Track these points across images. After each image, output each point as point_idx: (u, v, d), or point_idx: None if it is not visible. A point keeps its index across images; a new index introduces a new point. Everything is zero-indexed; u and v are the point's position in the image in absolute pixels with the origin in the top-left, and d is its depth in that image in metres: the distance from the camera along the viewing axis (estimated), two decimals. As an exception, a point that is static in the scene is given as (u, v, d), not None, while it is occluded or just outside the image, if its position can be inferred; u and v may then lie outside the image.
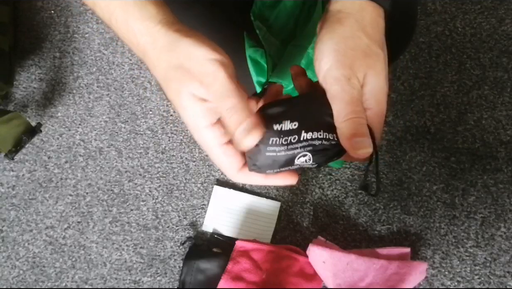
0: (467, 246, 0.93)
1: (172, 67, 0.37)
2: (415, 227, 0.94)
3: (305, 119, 0.38)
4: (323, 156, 0.38)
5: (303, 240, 0.94)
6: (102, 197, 1.01)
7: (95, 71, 1.07)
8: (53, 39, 1.09)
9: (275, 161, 0.38)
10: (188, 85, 0.37)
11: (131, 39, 0.38)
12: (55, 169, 1.02)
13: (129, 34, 0.38)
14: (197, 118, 0.37)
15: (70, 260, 0.98)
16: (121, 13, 0.38)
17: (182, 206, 0.99)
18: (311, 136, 0.37)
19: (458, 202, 0.95)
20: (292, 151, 0.38)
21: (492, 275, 0.92)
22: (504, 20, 1.02)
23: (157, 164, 1.01)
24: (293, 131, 0.38)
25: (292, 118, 0.38)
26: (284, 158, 0.38)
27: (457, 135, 0.98)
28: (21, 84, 1.07)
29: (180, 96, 0.37)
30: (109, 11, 0.38)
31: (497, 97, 0.99)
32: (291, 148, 0.38)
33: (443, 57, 1.01)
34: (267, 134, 0.38)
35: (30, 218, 1.01)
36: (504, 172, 0.95)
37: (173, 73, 0.37)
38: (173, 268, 0.96)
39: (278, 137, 0.37)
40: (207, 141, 0.38)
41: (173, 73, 0.37)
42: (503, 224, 0.93)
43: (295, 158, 0.38)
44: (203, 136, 0.38)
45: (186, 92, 0.37)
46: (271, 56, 0.61)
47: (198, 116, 0.37)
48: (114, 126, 1.04)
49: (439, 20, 1.04)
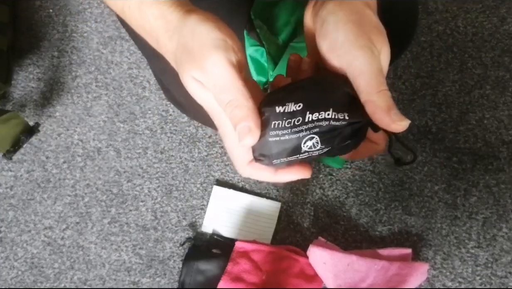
0: (469, 247, 0.93)
1: (179, 48, 0.35)
2: (416, 228, 0.94)
3: (310, 99, 0.35)
4: (333, 136, 0.34)
5: (304, 241, 0.94)
6: (101, 197, 1.00)
7: (94, 71, 1.06)
8: (51, 38, 1.09)
9: (280, 147, 0.35)
10: (189, 69, 0.35)
11: (145, 25, 0.37)
12: (53, 169, 1.02)
13: (142, 20, 0.37)
14: (212, 102, 0.35)
15: (68, 261, 0.98)
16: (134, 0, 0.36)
17: (181, 207, 0.98)
18: (317, 116, 0.34)
19: (460, 202, 0.95)
20: (297, 134, 0.34)
21: (493, 276, 0.91)
22: (506, 19, 1.02)
23: (156, 164, 1.01)
24: (297, 112, 0.34)
25: (296, 100, 0.35)
26: (289, 143, 0.35)
27: (458, 135, 0.97)
28: (19, 83, 1.07)
29: (187, 82, 0.35)
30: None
31: (499, 96, 0.98)
32: (295, 131, 0.34)
33: (445, 57, 1.01)
34: (270, 118, 0.35)
35: (28, 218, 1.00)
36: (506, 172, 0.95)
37: (180, 54, 0.35)
38: (172, 269, 0.96)
39: (281, 120, 0.34)
40: (223, 125, 0.36)
41: (180, 54, 0.35)
42: (505, 224, 0.93)
43: (301, 143, 0.34)
44: (220, 119, 0.36)
45: (189, 77, 0.35)
46: (272, 55, 0.61)
47: (212, 100, 0.35)
48: (112, 126, 1.03)
49: (440, 19, 1.03)
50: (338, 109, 0.34)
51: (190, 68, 0.35)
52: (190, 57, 0.35)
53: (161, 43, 0.37)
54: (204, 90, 0.35)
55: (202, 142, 1.01)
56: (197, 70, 0.34)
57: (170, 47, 0.37)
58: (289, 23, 0.63)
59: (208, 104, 0.36)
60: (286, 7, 0.63)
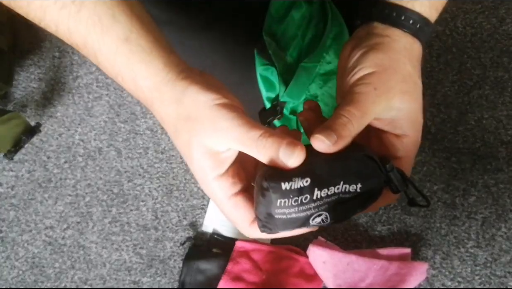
0: (468, 246, 0.93)
1: (181, 119, 0.35)
2: (415, 227, 0.94)
3: (319, 173, 0.32)
4: (343, 210, 0.33)
5: (303, 240, 0.94)
6: (102, 197, 1.00)
7: (95, 71, 1.07)
8: (52, 38, 1.09)
9: (287, 223, 0.33)
10: (200, 135, 0.34)
11: (139, 95, 0.37)
12: (55, 169, 1.02)
13: (137, 92, 0.37)
14: (206, 169, 0.35)
15: (69, 261, 0.98)
16: (127, 72, 0.36)
17: (181, 206, 0.99)
18: (326, 193, 0.32)
19: (459, 202, 0.95)
20: (305, 212, 0.33)
21: (492, 276, 0.91)
22: (505, 20, 1.02)
23: (156, 164, 1.01)
24: (304, 189, 0.32)
25: (303, 174, 0.32)
26: (296, 220, 0.33)
27: (457, 135, 0.97)
28: (20, 84, 1.07)
29: (191, 148, 0.35)
30: (114, 71, 0.36)
31: (498, 97, 0.99)
32: (303, 209, 0.33)
33: (444, 57, 1.01)
34: (275, 195, 0.32)
35: (29, 218, 1.00)
36: (505, 172, 0.95)
37: (182, 125, 0.35)
38: (172, 269, 0.96)
39: (287, 198, 0.32)
40: (215, 194, 0.36)
41: (182, 125, 0.35)
42: (504, 224, 0.93)
43: (310, 220, 0.33)
44: (212, 188, 0.36)
45: (196, 143, 0.35)
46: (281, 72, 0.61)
47: (206, 167, 0.35)
48: (113, 126, 1.03)
49: (439, 20, 1.02)
50: (350, 180, 0.33)
51: (201, 134, 0.34)
52: (199, 125, 0.34)
53: (157, 112, 0.37)
54: (207, 155, 0.35)
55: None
56: (210, 132, 0.34)
57: (166, 119, 0.36)
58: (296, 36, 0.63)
59: (203, 172, 0.36)
60: (293, 21, 0.64)
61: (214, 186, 0.36)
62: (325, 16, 0.63)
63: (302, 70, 0.61)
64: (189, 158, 0.36)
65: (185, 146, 0.36)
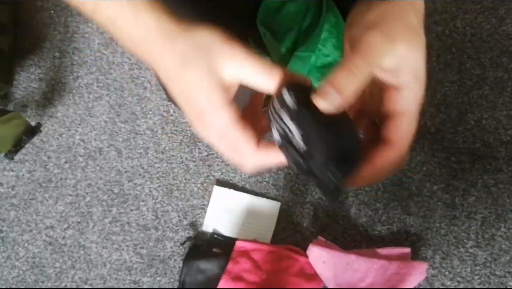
0: (468, 246, 0.93)
1: (191, 49, 0.35)
2: (415, 227, 0.94)
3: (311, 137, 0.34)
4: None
5: (303, 240, 0.94)
6: (102, 197, 1.00)
7: (95, 71, 1.07)
8: (53, 39, 1.09)
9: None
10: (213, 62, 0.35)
11: (139, 33, 0.37)
12: (55, 169, 1.02)
13: (138, 29, 0.36)
14: (217, 95, 0.35)
15: (70, 260, 0.98)
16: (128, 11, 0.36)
17: (182, 206, 0.99)
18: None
19: (459, 202, 0.95)
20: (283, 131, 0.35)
21: (492, 275, 0.92)
22: (505, 20, 1.02)
23: (157, 164, 1.01)
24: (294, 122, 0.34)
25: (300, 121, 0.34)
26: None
27: (457, 136, 0.98)
28: (20, 84, 1.07)
29: (201, 75, 0.35)
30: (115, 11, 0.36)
31: (498, 97, 0.99)
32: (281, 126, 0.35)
33: (444, 57, 1.01)
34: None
35: (30, 218, 1.00)
36: (504, 172, 0.95)
37: (194, 53, 0.35)
38: (173, 268, 0.96)
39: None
40: (224, 120, 0.36)
41: (194, 53, 0.35)
42: (503, 224, 0.93)
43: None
44: (221, 114, 0.36)
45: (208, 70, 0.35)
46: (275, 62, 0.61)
47: (217, 93, 0.35)
48: (114, 126, 1.03)
49: (439, 20, 1.03)
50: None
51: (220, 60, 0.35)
52: (213, 54, 0.35)
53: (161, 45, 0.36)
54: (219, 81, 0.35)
55: (202, 142, 1.01)
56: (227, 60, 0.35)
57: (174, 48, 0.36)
58: (292, 29, 0.63)
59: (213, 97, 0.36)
60: (289, 12, 0.64)
61: (224, 112, 0.36)
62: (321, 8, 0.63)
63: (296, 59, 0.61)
64: (197, 88, 0.36)
65: (195, 74, 0.35)
